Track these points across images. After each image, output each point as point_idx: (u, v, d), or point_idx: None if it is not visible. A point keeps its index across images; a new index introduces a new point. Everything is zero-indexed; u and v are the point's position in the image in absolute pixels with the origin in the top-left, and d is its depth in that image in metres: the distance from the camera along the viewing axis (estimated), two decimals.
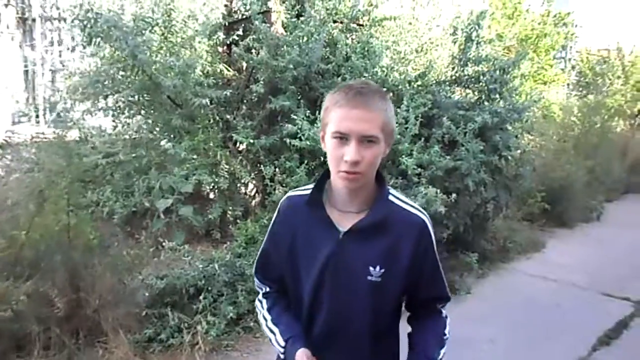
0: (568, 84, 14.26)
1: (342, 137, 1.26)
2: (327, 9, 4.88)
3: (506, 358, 3.64)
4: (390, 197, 1.39)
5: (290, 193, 1.51)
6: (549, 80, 11.61)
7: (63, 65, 5.13)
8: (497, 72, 4.81)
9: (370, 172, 1.31)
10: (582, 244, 6.52)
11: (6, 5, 7.43)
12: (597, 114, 9.72)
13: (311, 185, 1.43)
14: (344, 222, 1.36)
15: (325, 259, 1.36)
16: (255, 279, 1.60)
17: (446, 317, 1.51)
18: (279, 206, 1.51)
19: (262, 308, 1.54)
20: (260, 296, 1.58)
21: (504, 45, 7.70)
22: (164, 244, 3.78)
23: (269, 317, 1.50)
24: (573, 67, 15.37)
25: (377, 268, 1.34)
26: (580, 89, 14.80)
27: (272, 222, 1.51)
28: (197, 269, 3.74)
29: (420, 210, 1.41)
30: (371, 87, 1.32)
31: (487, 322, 4.06)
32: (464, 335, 3.68)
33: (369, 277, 1.34)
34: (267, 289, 1.56)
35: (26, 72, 7.55)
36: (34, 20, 7.59)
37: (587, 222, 7.52)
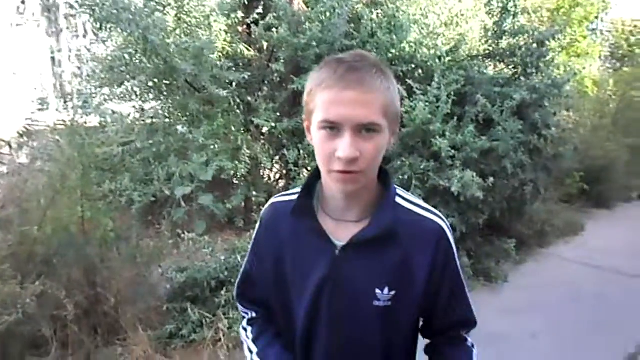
0: (600, 57, 13.63)
1: (333, 128, 0.99)
2: None
3: (549, 355, 3.36)
4: (398, 200, 1.12)
5: (274, 199, 1.24)
6: (582, 52, 11.05)
7: (89, 52, 4.97)
8: (535, 44, 4.47)
9: (371, 170, 1.04)
10: (623, 226, 6.18)
11: None
12: (635, 87, 9.24)
13: (298, 189, 1.15)
14: (341, 233, 1.09)
15: (319, 280, 1.10)
16: (238, 305, 1.34)
17: (473, 345, 1.23)
18: (261, 215, 1.24)
19: (247, 338, 1.28)
20: (244, 323, 1.32)
21: (539, 17, 7.27)
22: (183, 235, 3.60)
23: (254, 349, 1.24)
24: (606, 39, 14.73)
25: (386, 290, 1.08)
26: (614, 61, 14.22)
27: (253, 235, 1.25)
28: (219, 260, 3.57)
29: (436, 214, 1.13)
30: (367, 60, 1.02)
31: (527, 315, 3.80)
32: (503, 329, 3.46)
33: (376, 302, 1.09)
34: (253, 315, 1.30)
35: (52, 59, 7.49)
36: (58, 7, 7.49)
37: (628, 202, 7.17)
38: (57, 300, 2.65)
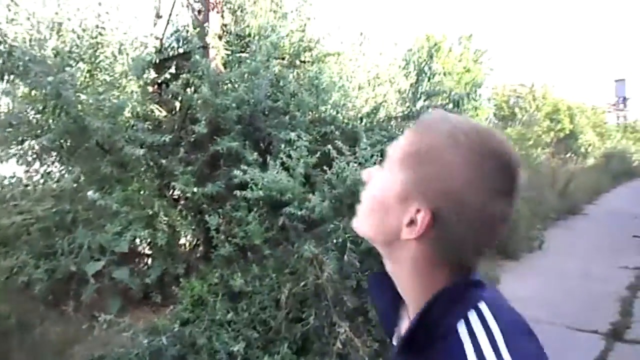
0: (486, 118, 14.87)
1: None
2: (272, 43, 4.54)
3: None
4: (460, 330, 0.71)
5: None
6: (473, 114, 11.94)
7: None
8: (451, 104, 4.66)
9: (365, 215, 0.82)
10: (533, 276, 6.46)
11: None
12: (521, 145, 10.10)
13: None
14: (406, 323, 0.85)
15: None
16: None
17: None
18: None
19: None
20: None
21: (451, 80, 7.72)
22: (99, 317, 3.15)
23: None
24: (489, 100, 16.16)
25: None
26: (496, 121, 15.60)
27: None
28: (141, 344, 3.15)
29: None
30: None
31: None
32: None
33: None
34: None
35: None
36: None
37: (531, 252, 7.55)
38: None
